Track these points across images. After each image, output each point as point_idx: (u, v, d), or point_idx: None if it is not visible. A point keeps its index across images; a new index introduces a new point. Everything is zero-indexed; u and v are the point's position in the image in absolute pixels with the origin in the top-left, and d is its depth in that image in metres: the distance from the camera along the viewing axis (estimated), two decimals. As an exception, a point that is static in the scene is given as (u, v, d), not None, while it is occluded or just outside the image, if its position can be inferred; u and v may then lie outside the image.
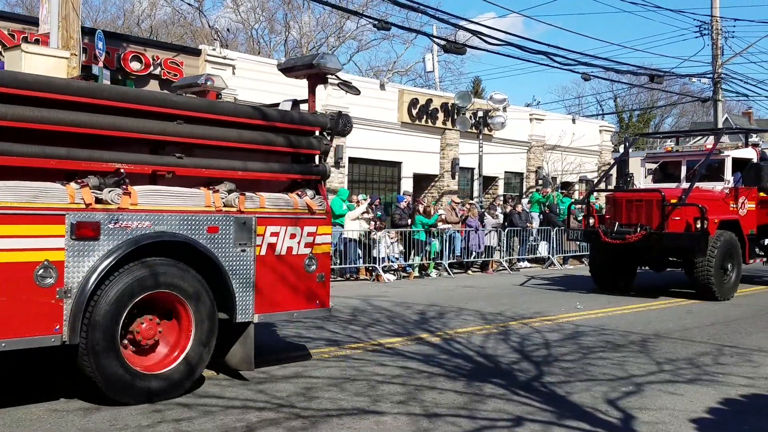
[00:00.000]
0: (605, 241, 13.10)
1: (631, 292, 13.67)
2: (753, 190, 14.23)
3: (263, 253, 6.53)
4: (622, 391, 6.43)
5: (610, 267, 13.96)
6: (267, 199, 6.61)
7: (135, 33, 32.66)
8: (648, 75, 22.40)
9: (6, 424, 5.24)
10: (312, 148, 7.17)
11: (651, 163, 15.61)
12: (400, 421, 5.48)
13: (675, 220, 12.64)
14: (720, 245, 12.69)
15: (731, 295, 13.06)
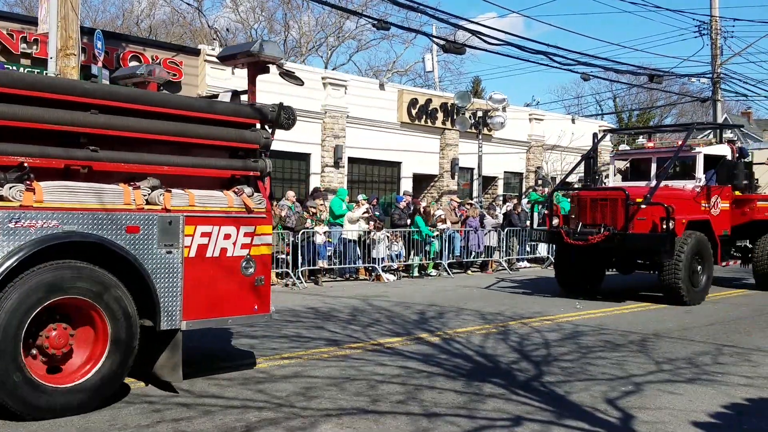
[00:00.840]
0: (567, 242, 12.57)
1: (598, 296, 13.03)
2: (727, 189, 13.71)
3: (192, 255, 6.05)
4: (621, 391, 6.43)
5: (575, 269, 13.36)
6: (197, 196, 6.14)
7: (134, 33, 32.65)
8: (647, 75, 22.42)
9: (4, 424, 5.23)
10: (249, 142, 6.67)
11: (620, 160, 15.08)
12: (399, 420, 5.48)
13: (641, 220, 12.08)
14: (688, 247, 12.04)
15: (701, 299, 12.41)
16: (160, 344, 6.03)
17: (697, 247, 12.30)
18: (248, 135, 6.70)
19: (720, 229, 13.42)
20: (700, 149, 13.60)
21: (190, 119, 6.30)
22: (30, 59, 15.47)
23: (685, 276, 11.91)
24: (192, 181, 6.31)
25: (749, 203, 14.31)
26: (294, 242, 14.47)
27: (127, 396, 5.99)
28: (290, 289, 14.01)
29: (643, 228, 12.09)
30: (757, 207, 14.30)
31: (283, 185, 19.72)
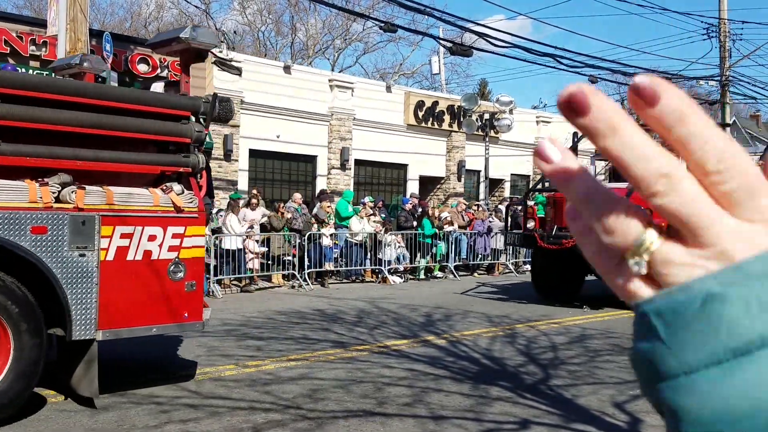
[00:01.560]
0: (542, 246, 12.03)
1: (575, 303, 12.39)
2: None
3: (110, 258, 5.54)
4: (629, 395, 6.41)
5: (551, 274, 12.74)
6: (117, 194, 5.63)
7: (142, 35, 32.77)
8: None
9: (14, 423, 5.25)
10: (179, 135, 6.12)
11: (601, 160, 14.60)
12: (406, 423, 5.47)
13: None
14: None
15: None
16: (75, 355, 5.55)
17: None
18: (178, 128, 6.15)
19: None
20: None
21: (110, 110, 5.79)
22: (39, 61, 15.55)
23: None
24: (114, 177, 5.84)
25: None
26: (300, 244, 14.48)
27: (135, 396, 6.01)
28: (296, 290, 14.02)
29: None
30: None
31: (289, 187, 19.77)
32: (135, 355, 7.63)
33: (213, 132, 18.13)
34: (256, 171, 19.65)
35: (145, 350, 8.00)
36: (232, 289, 13.62)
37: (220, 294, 12.87)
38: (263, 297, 13.08)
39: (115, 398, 5.97)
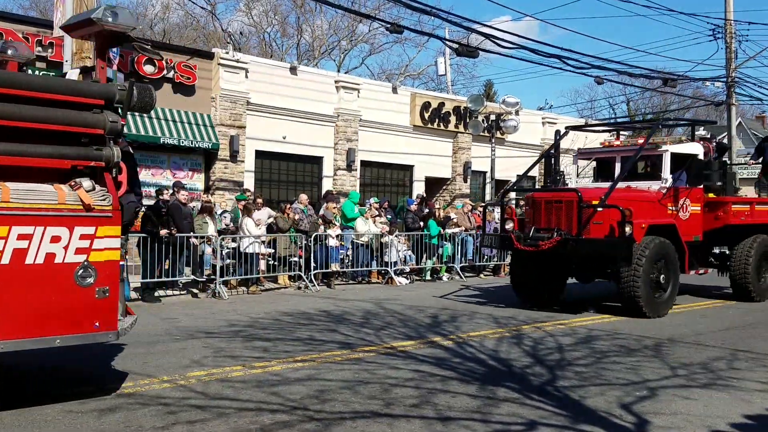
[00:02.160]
0: (518, 248, 11.56)
1: (555, 306, 12.00)
2: (698, 191, 12.54)
3: (5, 262, 5.10)
4: (636, 396, 6.39)
5: (531, 277, 12.27)
6: (14, 191, 5.15)
7: (148, 36, 32.85)
8: (661, 79, 22.33)
9: (21, 425, 5.27)
10: (90, 126, 5.60)
11: (584, 159, 13.96)
12: (413, 424, 5.47)
13: (597, 224, 11.03)
14: (649, 253, 10.90)
15: (664, 311, 11.26)
16: None
17: (659, 254, 11.16)
18: (89, 118, 5.61)
19: (689, 234, 12.25)
20: (666, 147, 12.32)
21: (13, 98, 5.31)
22: (45, 62, 15.61)
23: (644, 285, 10.83)
24: (15, 172, 5.31)
25: (723, 206, 13.01)
26: (307, 245, 14.49)
27: (142, 398, 6.02)
28: (303, 292, 14.03)
29: (599, 233, 11.07)
30: (731, 210, 13.04)
31: (296, 188, 19.78)
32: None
33: (219, 133, 18.18)
34: (262, 172, 19.67)
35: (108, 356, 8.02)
36: (239, 291, 13.64)
37: (226, 295, 12.88)
38: (269, 298, 13.09)
39: (122, 399, 5.98)
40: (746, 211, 13.39)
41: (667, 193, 12.01)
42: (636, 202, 11.39)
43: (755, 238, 13.36)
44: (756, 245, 13.26)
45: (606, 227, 11.01)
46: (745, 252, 13.19)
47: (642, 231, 11.03)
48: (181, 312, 11.13)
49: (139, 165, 17.17)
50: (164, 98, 17.46)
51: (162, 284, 12.81)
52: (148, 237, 12.24)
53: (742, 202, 13.67)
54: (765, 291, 13.57)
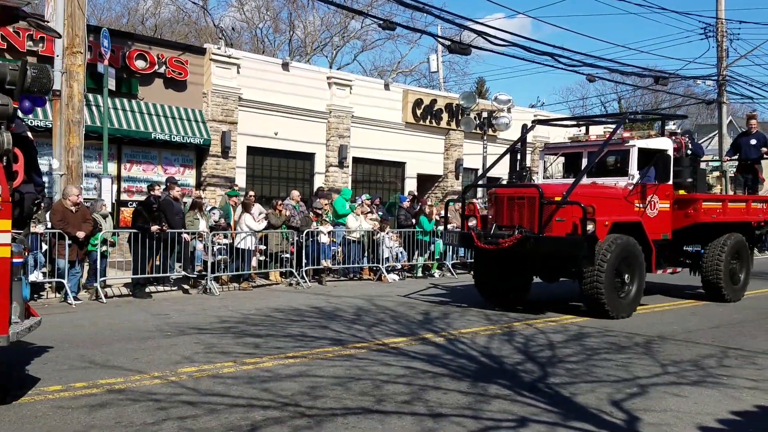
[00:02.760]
0: (478, 246, 11.15)
1: (518, 307, 11.56)
2: (667, 187, 12.00)
3: None
4: (626, 393, 6.42)
5: (494, 276, 11.85)
6: None
7: (139, 31, 32.69)
8: (653, 77, 22.40)
9: (12, 420, 5.25)
10: None
11: (551, 154, 13.36)
12: (404, 420, 5.47)
13: (560, 221, 10.58)
14: (613, 252, 10.49)
15: (630, 311, 10.90)
16: None
17: (624, 252, 10.75)
18: None
19: (657, 232, 11.79)
20: (633, 142, 11.79)
21: None
22: (36, 57, 15.49)
23: (608, 285, 10.43)
24: None
25: (693, 204, 12.43)
26: (298, 241, 14.47)
27: (133, 393, 6.00)
28: (294, 288, 14.01)
29: (562, 230, 10.63)
30: (702, 208, 12.46)
31: (287, 184, 19.74)
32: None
33: (211, 129, 18.11)
34: (254, 168, 19.61)
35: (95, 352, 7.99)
36: (230, 287, 13.61)
37: (217, 291, 12.85)
38: (261, 294, 13.07)
39: (113, 395, 5.96)
40: (718, 208, 12.90)
41: (633, 190, 11.48)
42: (600, 198, 10.94)
43: (728, 237, 13.01)
44: (729, 244, 12.89)
45: (569, 225, 10.56)
46: (717, 251, 12.81)
47: (605, 229, 10.58)
48: (172, 308, 11.09)
49: (130, 160, 17.29)
50: (156, 93, 17.38)
51: (153, 280, 12.76)
52: (139, 233, 12.19)
53: (714, 200, 13.14)
54: (738, 291, 13.21)
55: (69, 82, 12.33)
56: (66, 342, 8.20)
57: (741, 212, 13.49)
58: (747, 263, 13.58)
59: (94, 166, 15.84)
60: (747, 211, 13.59)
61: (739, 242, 13.22)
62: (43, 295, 11.59)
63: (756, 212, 13.87)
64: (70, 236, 11.23)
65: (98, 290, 11.67)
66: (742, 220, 13.48)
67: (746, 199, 13.80)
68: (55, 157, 12.51)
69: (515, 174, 12.82)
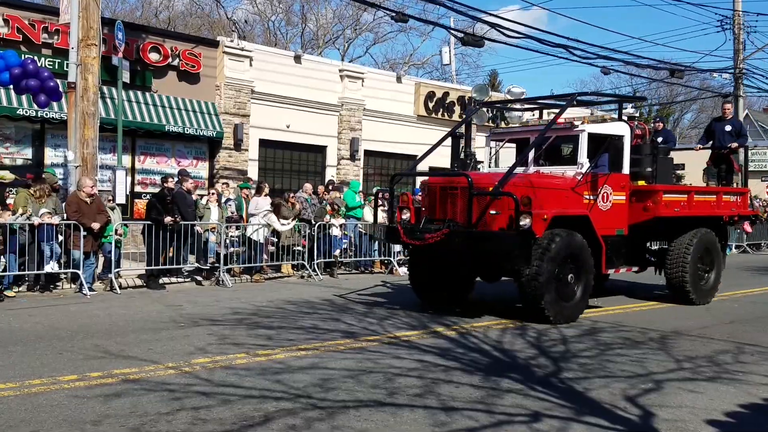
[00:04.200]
0: (405, 241, 10.18)
1: (457, 309, 10.50)
2: (622, 177, 10.81)
3: None
4: (641, 388, 6.39)
5: (430, 274, 10.83)
6: None
7: (153, 24, 32.76)
8: (668, 69, 22.21)
9: (27, 409, 5.29)
10: None
11: (497, 141, 12.17)
12: (417, 414, 5.47)
13: (494, 215, 9.55)
14: (553, 250, 9.38)
15: (574, 315, 9.84)
16: None
17: (566, 250, 9.61)
18: None
19: (609, 227, 10.63)
20: (583, 127, 10.50)
21: None
22: (51, 49, 15.58)
23: (548, 287, 9.37)
24: None
25: (652, 196, 11.17)
26: (310, 234, 14.49)
27: (147, 383, 6.04)
28: (306, 281, 14.04)
29: (497, 225, 9.56)
30: (662, 201, 11.22)
31: (299, 177, 19.78)
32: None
33: (224, 122, 18.16)
34: (266, 161, 19.65)
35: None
36: (242, 279, 13.66)
37: (230, 283, 12.90)
38: (273, 287, 13.11)
39: (128, 385, 6.00)
40: (682, 201, 11.67)
41: (582, 180, 10.23)
42: (539, 189, 9.78)
43: (695, 233, 11.78)
44: (696, 241, 11.68)
45: (505, 218, 9.49)
46: (682, 248, 11.60)
47: (544, 223, 9.41)
48: (186, 299, 11.15)
49: (143, 153, 17.36)
50: (169, 86, 17.44)
51: (166, 272, 12.83)
52: (152, 225, 12.25)
53: (677, 191, 11.85)
54: (707, 293, 12.00)
55: (84, 74, 12.37)
56: (81, 332, 8.26)
57: (710, 206, 12.29)
58: (718, 262, 12.28)
59: (109, 158, 15.94)
60: (717, 205, 12.39)
61: (708, 239, 12.02)
62: (59, 286, 11.68)
63: (728, 205, 12.63)
64: (85, 227, 11.30)
65: (113, 281, 11.75)
66: (711, 215, 12.25)
67: (716, 191, 12.58)
68: (70, 148, 12.57)
69: (457, 162, 11.54)
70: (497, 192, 9.27)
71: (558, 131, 10.73)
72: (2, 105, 14.51)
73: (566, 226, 9.80)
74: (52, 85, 11.97)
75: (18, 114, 14.76)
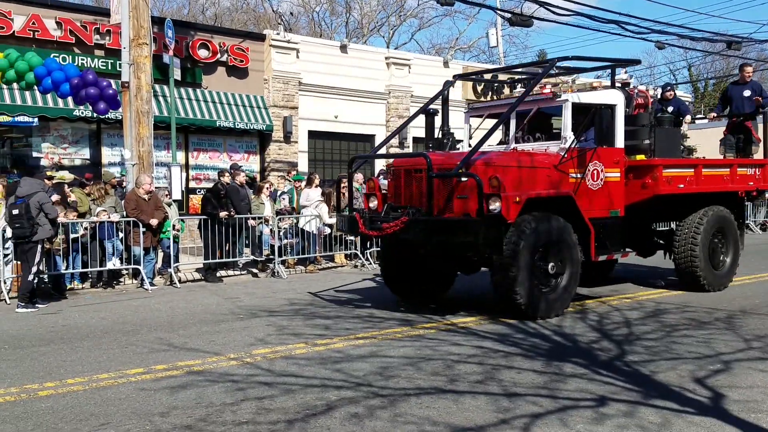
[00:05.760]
0: (363, 232, 9.16)
1: (432, 305, 9.54)
2: (616, 152, 9.54)
3: None
4: (709, 370, 6.20)
5: (400, 266, 9.82)
6: None
7: (200, 21, 33.22)
8: (725, 41, 21.42)
9: (97, 403, 5.43)
10: None
11: (476, 117, 10.77)
12: (479, 400, 5.42)
13: (461, 199, 8.52)
14: (528, 237, 8.26)
15: (559, 308, 8.73)
16: None
17: (545, 236, 8.51)
18: None
19: (601, 208, 9.46)
20: (566, 96, 9.26)
21: None
22: (104, 50, 15.94)
23: (523, 279, 8.27)
24: None
25: (651, 171, 9.98)
26: (363, 223, 14.49)
27: (211, 375, 6.14)
28: (360, 270, 14.07)
29: (467, 209, 8.46)
30: (663, 177, 10.03)
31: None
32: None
33: (273, 114, 18.32)
34: (315, 152, 19.77)
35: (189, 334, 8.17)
36: (296, 270, 13.78)
37: (285, 275, 13.03)
38: (327, 276, 13.18)
39: (193, 377, 6.11)
40: (687, 176, 10.43)
41: (567, 156, 9.04)
42: (510, 168, 8.70)
43: (706, 211, 10.57)
44: (707, 220, 10.48)
45: (474, 203, 8.27)
46: (691, 229, 10.43)
47: (516, 207, 8.24)
48: (243, 291, 11.30)
49: (196, 149, 17.65)
50: (219, 82, 17.66)
51: (223, 265, 13.03)
52: (208, 219, 12.45)
53: (681, 165, 10.47)
54: (722, 278, 10.78)
55: (136, 73, 12.61)
56: (144, 326, 8.45)
57: (722, 180, 10.96)
58: (734, 243, 11.05)
59: (163, 155, 16.25)
60: (731, 179, 11.05)
61: (720, 217, 10.76)
62: (121, 282, 11.98)
63: (744, 179, 11.25)
64: (144, 224, 11.55)
65: (172, 275, 11.99)
66: (725, 190, 10.98)
67: (730, 164, 11.22)
68: (126, 147, 12.84)
69: (432, 142, 10.35)
70: (457, 173, 8.27)
71: (540, 103, 9.53)
72: (59, 107, 14.92)
73: (548, 209, 8.66)
74: (110, 93, 12.27)
75: (74, 115, 15.16)
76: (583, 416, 5.04)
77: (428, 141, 10.45)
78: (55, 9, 15.56)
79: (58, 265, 10.90)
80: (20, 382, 6.02)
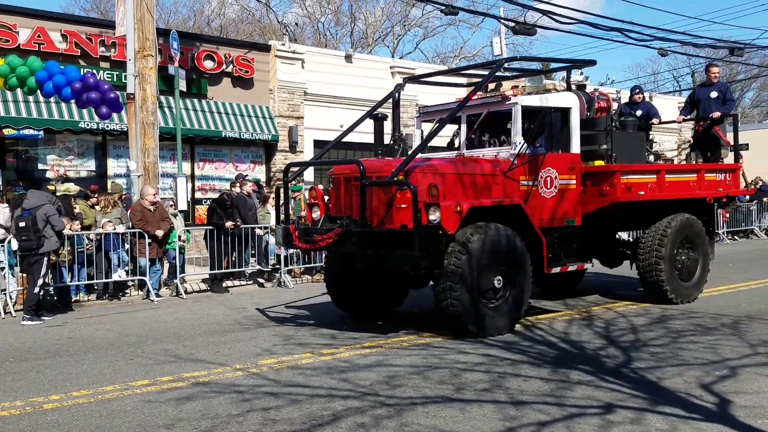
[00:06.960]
0: (297, 245, 8.75)
1: (379, 321, 9.11)
2: (571, 158, 9.12)
3: None
4: (716, 375, 6.17)
5: (345, 279, 9.29)
6: None
7: (205, 32, 33.39)
8: (728, 48, 21.43)
9: (102, 415, 5.43)
10: None
11: (427, 121, 10.41)
12: (485, 408, 5.40)
13: (401, 209, 7.87)
14: (471, 250, 7.71)
15: (509, 325, 8.17)
16: None
17: (492, 248, 7.91)
18: None
19: (555, 217, 9.02)
20: (516, 99, 8.82)
21: None
22: (109, 62, 16.03)
23: (466, 294, 7.73)
24: None
25: (608, 178, 9.42)
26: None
27: (217, 386, 6.14)
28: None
29: (407, 220, 7.77)
30: (621, 183, 9.46)
31: (355, 176, 19.83)
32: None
33: (278, 124, 18.37)
34: (321, 161, 19.76)
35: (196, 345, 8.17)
36: (303, 279, 13.78)
37: (291, 284, 13.03)
38: (334, 286, 13.15)
39: (199, 388, 6.11)
40: (649, 183, 9.88)
41: (516, 162, 8.57)
42: (451, 175, 8.32)
43: (671, 220, 10.00)
44: (671, 230, 9.89)
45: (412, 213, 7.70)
46: (656, 239, 9.86)
47: (458, 217, 7.77)
48: (249, 301, 11.31)
49: (202, 159, 17.71)
50: (224, 92, 17.74)
51: (229, 275, 13.05)
52: (214, 229, 12.48)
53: (641, 171, 9.90)
54: (690, 290, 10.17)
55: (142, 84, 12.68)
56: (150, 338, 8.47)
57: (689, 187, 10.42)
58: (703, 253, 10.46)
59: (169, 166, 16.31)
60: (699, 185, 10.53)
61: (687, 226, 10.17)
62: (127, 293, 12.01)
63: (713, 185, 10.72)
64: (150, 235, 11.58)
65: (178, 286, 12.01)
66: (691, 197, 10.40)
67: (696, 170, 10.73)
68: (132, 158, 12.89)
69: (382, 147, 9.88)
70: (390, 181, 7.81)
71: (489, 106, 9.10)
72: (64, 119, 15.00)
73: (495, 218, 8.12)
74: (112, 96, 12.29)
75: (80, 127, 15.23)
76: (590, 424, 5.02)
77: (377, 147, 9.94)
78: (60, 21, 15.67)
79: (64, 277, 10.94)
80: (25, 395, 6.03)
